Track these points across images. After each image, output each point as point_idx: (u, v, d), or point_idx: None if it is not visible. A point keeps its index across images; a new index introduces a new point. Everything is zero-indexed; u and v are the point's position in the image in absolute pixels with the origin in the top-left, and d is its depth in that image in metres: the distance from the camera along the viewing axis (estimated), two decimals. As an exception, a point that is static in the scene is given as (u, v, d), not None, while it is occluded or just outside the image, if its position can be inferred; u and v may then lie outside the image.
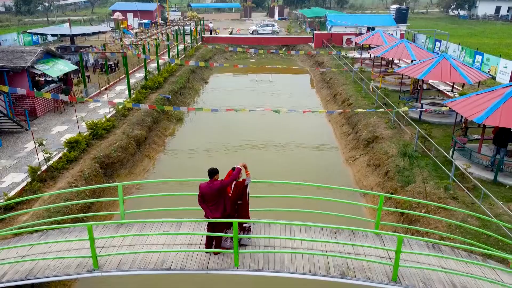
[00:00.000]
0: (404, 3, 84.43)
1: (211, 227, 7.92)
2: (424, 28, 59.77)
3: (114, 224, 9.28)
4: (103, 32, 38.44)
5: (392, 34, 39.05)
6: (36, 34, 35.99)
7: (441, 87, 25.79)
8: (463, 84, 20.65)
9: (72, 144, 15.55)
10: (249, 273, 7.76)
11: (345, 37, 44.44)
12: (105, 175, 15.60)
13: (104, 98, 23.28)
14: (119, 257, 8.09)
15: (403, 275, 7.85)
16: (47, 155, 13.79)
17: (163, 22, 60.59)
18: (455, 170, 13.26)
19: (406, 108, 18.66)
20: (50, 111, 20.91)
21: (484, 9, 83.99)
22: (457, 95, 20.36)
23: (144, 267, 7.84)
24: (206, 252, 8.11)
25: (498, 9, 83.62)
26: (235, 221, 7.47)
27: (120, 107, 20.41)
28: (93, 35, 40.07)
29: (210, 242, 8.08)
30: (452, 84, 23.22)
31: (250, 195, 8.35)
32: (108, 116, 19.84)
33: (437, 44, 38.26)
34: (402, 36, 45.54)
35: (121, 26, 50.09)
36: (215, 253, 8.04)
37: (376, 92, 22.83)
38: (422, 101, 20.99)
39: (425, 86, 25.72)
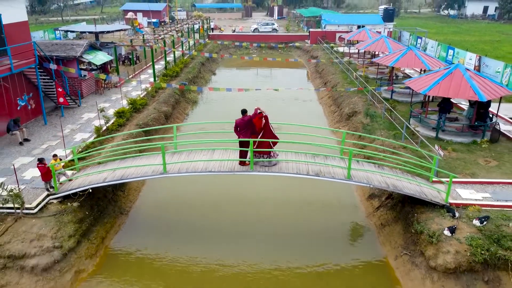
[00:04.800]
0: (397, 3, 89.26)
1: (242, 145, 12.72)
2: (414, 26, 64.77)
3: (171, 152, 14.13)
4: (124, 30, 43.19)
5: (380, 32, 43.96)
6: (66, 31, 40.78)
7: (416, 76, 30.58)
8: (424, 70, 25.42)
9: (120, 114, 20.38)
10: (259, 173, 12.63)
11: (337, 35, 49.28)
12: (145, 136, 20.42)
13: (133, 84, 28.14)
14: (178, 165, 12.93)
15: (354, 176, 12.69)
16: (106, 119, 18.62)
17: (171, 21, 65.43)
18: (407, 129, 18.12)
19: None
20: (93, 92, 25.74)
21: (472, 9, 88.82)
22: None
23: (194, 170, 12.68)
24: (240, 162, 12.90)
25: (486, 9, 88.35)
26: (251, 140, 12.29)
27: (149, 89, 25.18)
28: (110, 32, 44.91)
29: (241, 155, 12.95)
30: (420, 71, 28.03)
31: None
32: (141, 96, 24.67)
33: (419, 40, 43.11)
34: (390, 34, 50.42)
35: (134, 24, 54.91)
36: (241, 163, 12.87)
37: (359, 79, 27.68)
38: (395, 85, 25.80)
39: (401, 75, 30.67)
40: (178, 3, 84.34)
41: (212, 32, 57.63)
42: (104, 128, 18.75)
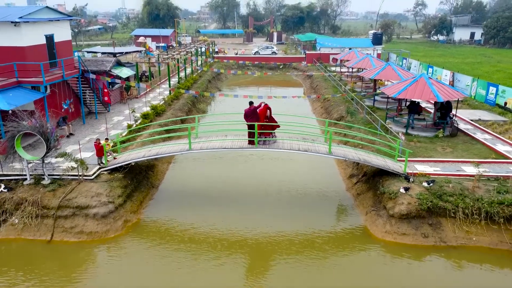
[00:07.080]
0: (389, 29, 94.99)
1: (250, 129, 16.71)
2: (403, 50, 70.08)
3: (194, 136, 18.16)
4: (139, 51, 48.00)
5: (369, 54, 48.74)
6: (89, 52, 45.54)
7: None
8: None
9: (145, 115, 24.53)
10: (262, 149, 16.65)
11: (331, 56, 54.08)
12: (168, 133, 24.49)
13: (151, 95, 32.44)
14: (199, 144, 16.95)
15: (334, 152, 16.69)
16: (135, 119, 22.75)
17: (178, 45, 70.63)
18: (381, 127, 22.21)
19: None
20: (117, 102, 29.98)
21: (460, 35, 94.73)
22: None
23: (212, 147, 16.70)
24: (248, 142, 16.87)
25: (472, 34, 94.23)
26: (255, 124, 16.33)
27: (166, 98, 29.40)
28: (126, 54, 49.82)
29: (249, 136, 16.92)
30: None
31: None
32: (160, 104, 28.94)
33: (404, 61, 47.88)
34: (379, 55, 55.27)
35: (146, 48, 60.00)
36: (249, 142, 16.86)
37: (347, 92, 32.00)
38: (376, 95, 30.09)
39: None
40: (184, 29, 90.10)
41: (217, 54, 62.65)
42: (134, 125, 22.86)
